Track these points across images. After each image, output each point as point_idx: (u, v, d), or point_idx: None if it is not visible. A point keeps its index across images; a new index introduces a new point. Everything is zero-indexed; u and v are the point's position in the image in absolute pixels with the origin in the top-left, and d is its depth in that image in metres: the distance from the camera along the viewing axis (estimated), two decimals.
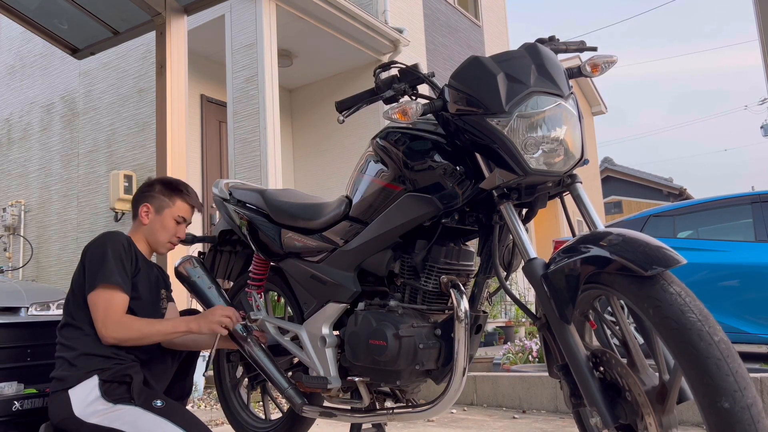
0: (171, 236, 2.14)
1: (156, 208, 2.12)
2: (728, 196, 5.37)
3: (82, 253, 2.00)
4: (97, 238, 2.02)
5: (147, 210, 2.12)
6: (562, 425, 3.08)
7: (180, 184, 2.19)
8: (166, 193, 2.14)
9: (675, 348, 1.08)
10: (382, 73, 1.71)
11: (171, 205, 2.13)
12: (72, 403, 1.83)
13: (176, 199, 2.14)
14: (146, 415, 1.81)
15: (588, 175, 15.15)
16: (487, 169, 1.49)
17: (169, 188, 2.16)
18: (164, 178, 2.23)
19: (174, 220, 2.13)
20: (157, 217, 2.12)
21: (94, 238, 2.02)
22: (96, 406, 1.82)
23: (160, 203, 2.13)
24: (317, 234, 1.95)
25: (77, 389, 1.85)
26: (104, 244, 1.96)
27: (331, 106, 7.97)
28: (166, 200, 2.13)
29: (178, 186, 2.18)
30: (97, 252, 1.95)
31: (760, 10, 3.02)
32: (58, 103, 8.80)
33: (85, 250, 2.00)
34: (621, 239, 1.22)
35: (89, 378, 1.86)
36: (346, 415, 1.85)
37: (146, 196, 2.14)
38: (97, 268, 1.92)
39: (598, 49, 1.67)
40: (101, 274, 1.90)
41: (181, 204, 2.15)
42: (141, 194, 2.17)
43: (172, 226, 2.13)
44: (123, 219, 7.58)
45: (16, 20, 4.10)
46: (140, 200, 2.15)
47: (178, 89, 3.95)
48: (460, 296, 1.56)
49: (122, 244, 1.99)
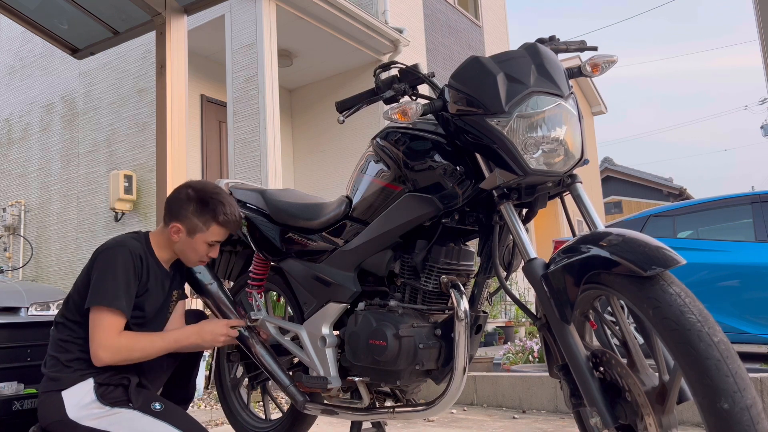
0: (201, 257, 2.00)
1: (188, 231, 1.93)
2: (728, 196, 5.37)
3: (93, 256, 1.90)
4: (111, 245, 1.89)
5: (178, 230, 1.94)
6: (562, 425, 3.08)
7: (218, 206, 1.93)
8: (200, 216, 1.92)
9: (674, 348, 1.08)
10: (382, 74, 1.71)
11: (204, 230, 1.93)
12: (65, 405, 1.77)
13: (211, 224, 1.93)
14: (144, 419, 1.78)
15: (588, 175, 15.15)
16: (487, 169, 1.49)
17: (205, 211, 1.92)
18: (201, 194, 1.94)
19: (206, 244, 1.96)
20: (188, 239, 1.94)
21: (109, 244, 1.90)
22: (91, 409, 1.77)
23: (192, 226, 1.93)
24: (317, 234, 1.96)
25: (71, 391, 1.79)
26: (115, 258, 1.84)
27: (331, 106, 7.97)
28: (200, 224, 1.93)
29: (215, 210, 1.92)
30: (106, 265, 1.84)
31: (760, 10, 3.02)
32: (58, 103, 8.81)
33: (96, 255, 1.89)
34: (621, 239, 1.22)
35: (84, 380, 1.80)
36: (348, 413, 1.85)
37: (179, 215, 1.93)
38: (102, 284, 1.81)
39: (598, 49, 1.67)
40: (105, 293, 1.79)
41: (215, 229, 1.94)
42: (175, 207, 1.95)
43: (203, 249, 1.97)
44: (123, 219, 7.59)
45: (16, 20, 4.10)
46: (172, 215, 1.95)
47: (178, 89, 3.95)
48: (460, 296, 1.56)
49: (134, 261, 1.86)
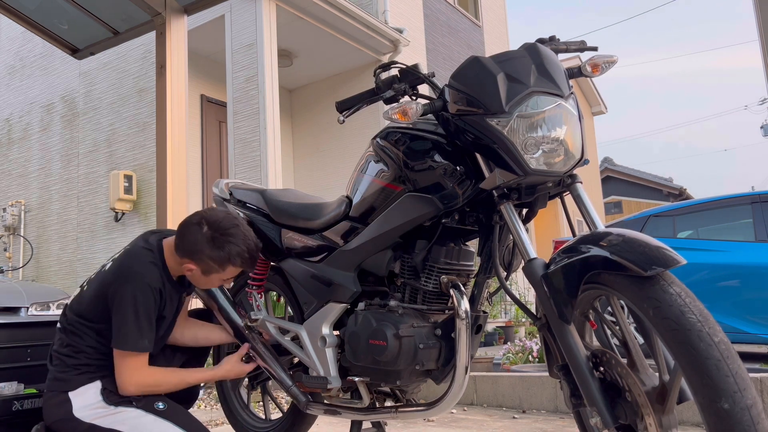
0: (214, 287, 2.01)
1: (203, 271, 1.86)
2: (728, 196, 5.37)
3: (106, 284, 1.83)
4: (127, 277, 1.81)
5: (191, 269, 1.86)
6: (562, 425, 3.08)
7: (233, 247, 1.81)
8: (216, 259, 1.82)
9: (675, 348, 1.08)
10: (382, 74, 1.71)
11: (220, 271, 1.86)
12: (72, 405, 1.81)
13: (227, 266, 1.84)
14: (147, 417, 1.80)
15: (588, 175, 15.15)
16: (487, 169, 1.49)
17: (222, 254, 1.81)
18: (216, 229, 1.81)
19: (220, 281, 1.92)
20: (202, 277, 1.88)
21: (125, 274, 1.82)
22: (96, 409, 1.81)
23: (207, 268, 1.85)
24: (317, 234, 1.96)
25: (79, 392, 1.83)
26: (135, 297, 1.78)
27: (331, 106, 7.98)
28: (215, 266, 1.84)
29: (232, 252, 1.82)
30: (128, 304, 1.78)
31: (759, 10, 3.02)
32: (58, 103, 8.81)
33: (116, 282, 1.81)
34: (621, 239, 1.22)
35: (92, 382, 1.84)
36: (350, 412, 1.85)
37: (193, 255, 1.83)
38: (124, 327, 1.78)
39: (598, 49, 1.67)
40: (128, 336, 1.78)
41: (231, 270, 1.87)
42: (188, 245, 1.83)
43: (217, 284, 1.95)
44: (123, 219, 7.58)
45: (16, 20, 4.10)
46: (186, 252, 1.84)
47: (178, 89, 3.95)
48: (460, 296, 1.56)
49: (154, 296, 1.81)
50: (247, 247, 1.84)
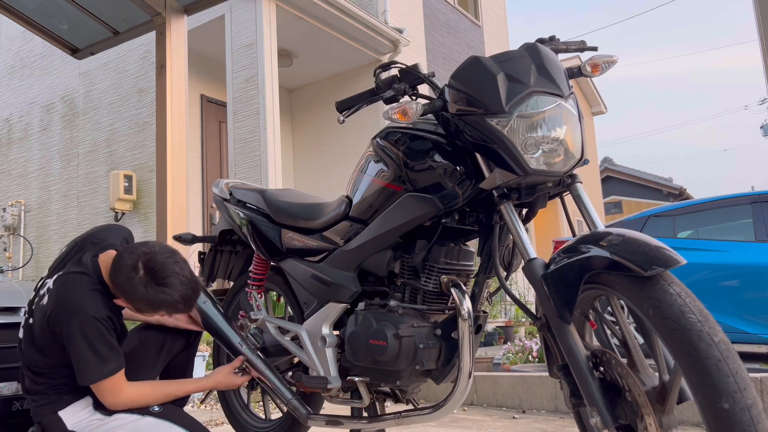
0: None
1: (135, 309, 1.79)
2: (728, 196, 5.37)
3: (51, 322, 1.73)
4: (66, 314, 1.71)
5: (124, 304, 1.81)
6: (562, 425, 3.08)
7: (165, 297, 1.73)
8: (148, 305, 1.75)
9: (675, 348, 1.08)
10: (382, 73, 1.71)
11: (153, 314, 1.83)
12: (65, 422, 1.78)
13: (160, 310, 1.78)
14: (145, 419, 1.79)
15: (588, 175, 15.15)
16: (487, 169, 1.49)
17: (153, 303, 1.74)
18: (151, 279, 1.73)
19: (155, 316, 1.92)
20: (135, 313, 1.86)
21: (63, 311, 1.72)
22: (91, 421, 1.79)
23: (140, 309, 1.78)
24: (317, 234, 1.96)
25: (68, 410, 1.80)
26: (81, 328, 1.70)
27: (331, 106, 7.98)
28: (147, 310, 1.78)
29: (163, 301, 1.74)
30: (75, 338, 1.70)
31: (760, 10, 3.02)
32: (58, 103, 8.81)
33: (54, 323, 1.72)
34: (621, 239, 1.22)
35: (81, 399, 1.81)
36: (353, 422, 1.85)
37: (126, 296, 1.75)
38: (81, 360, 1.71)
39: (598, 49, 1.67)
40: (90, 369, 1.71)
41: (164, 313, 1.83)
42: (121, 285, 1.74)
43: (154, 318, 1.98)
44: (123, 219, 7.58)
45: (16, 20, 4.10)
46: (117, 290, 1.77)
47: (178, 89, 3.95)
48: (462, 296, 1.56)
49: (100, 323, 1.72)
50: (182, 296, 1.75)
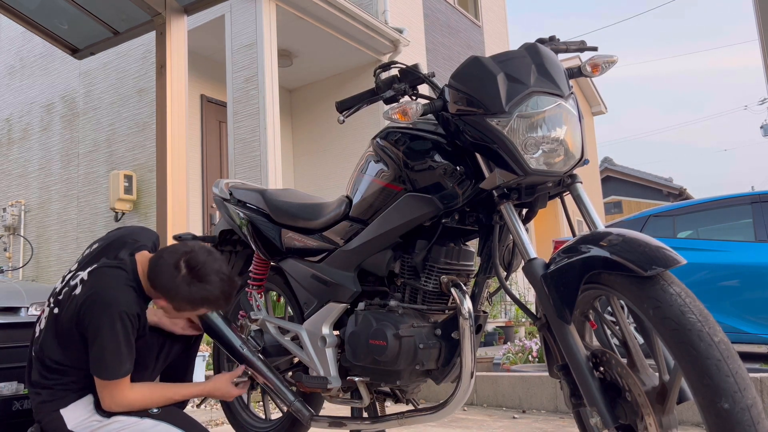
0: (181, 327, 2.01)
1: (175, 308, 1.83)
2: (728, 196, 5.37)
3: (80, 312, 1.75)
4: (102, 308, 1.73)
5: (163, 305, 1.84)
6: (562, 425, 3.08)
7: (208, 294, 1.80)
8: (191, 302, 1.81)
9: (675, 348, 1.08)
10: (382, 74, 1.71)
11: (192, 311, 1.87)
12: (65, 421, 1.78)
13: (201, 308, 1.85)
14: (143, 422, 1.78)
15: (588, 175, 15.15)
16: (487, 169, 1.49)
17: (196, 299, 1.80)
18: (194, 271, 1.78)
19: (192, 315, 1.96)
20: (173, 312, 1.86)
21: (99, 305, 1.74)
22: (91, 421, 1.78)
23: (181, 307, 1.83)
24: (317, 234, 1.96)
25: (69, 408, 1.80)
26: (110, 323, 1.72)
27: (331, 106, 7.98)
28: (188, 307, 1.83)
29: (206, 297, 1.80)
30: (102, 331, 1.72)
31: (760, 10, 3.02)
32: (58, 103, 8.81)
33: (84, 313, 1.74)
34: (621, 239, 1.22)
35: (83, 397, 1.81)
36: (356, 423, 1.85)
37: (167, 295, 1.80)
38: (102, 354, 1.73)
39: (598, 49, 1.67)
40: (107, 366, 1.73)
41: (204, 310, 1.89)
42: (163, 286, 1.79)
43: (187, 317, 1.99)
44: (123, 219, 7.58)
45: (16, 20, 4.10)
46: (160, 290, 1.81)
47: (178, 89, 3.95)
48: (462, 296, 1.56)
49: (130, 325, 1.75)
50: (222, 292, 1.82)
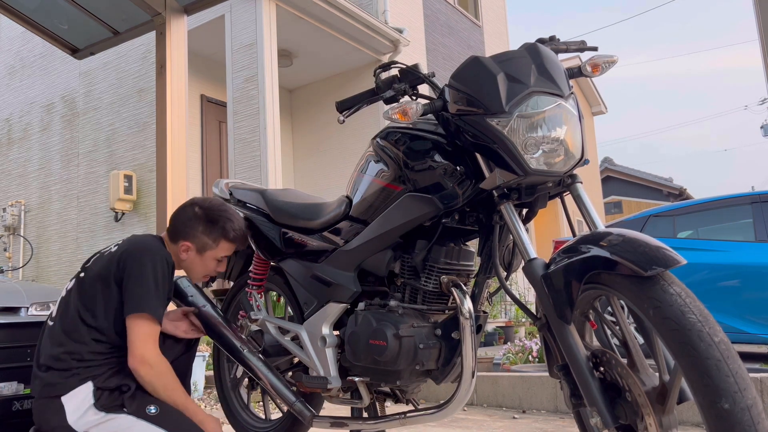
0: (209, 272, 2.04)
1: (198, 249, 1.97)
2: (728, 196, 5.37)
3: (121, 258, 1.84)
4: (143, 250, 1.85)
5: (187, 248, 1.97)
6: (562, 425, 3.08)
7: (227, 222, 1.98)
8: (210, 234, 1.97)
9: (675, 348, 1.08)
10: (382, 74, 1.71)
11: (214, 247, 1.98)
12: (66, 411, 1.76)
13: (221, 240, 1.98)
14: (139, 424, 1.77)
15: (588, 175, 15.15)
16: (487, 169, 1.49)
17: (215, 229, 1.97)
18: (209, 212, 1.98)
19: (215, 260, 2.01)
20: (197, 257, 1.98)
21: (140, 247, 1.86)
22: (89, 417, 1.77)
23: (203, 244, 1.97)
24: (317, 234, 1.96)
25: (70, 396, 1.78)
26: (153, 263, 1.82)
27: (331, 106, 7.97)
28: (209, 242, 1.97)
29: (225, 226, 1.97)
30: (145, 271, 1.81)
31: (760, 10, 3.02)
32: (58, 103, 8.81)
33: (127, 258, 1.83)
34: (621, 239, 1.22)
35: (83, 384, 1.79)
36: (357, 423, 1.85)
37: (187, 234, 1.96)
38: (144, 292, 1.79)
39: (598, 49, 1.67)
40: (149, 301, 1.79)
41: (225, 245, 1.99)
42: (182, 226, 1.97)
43: (212, 266, 2.02)
44: (123, 219, 7.59)
45: (16, 20, 4.10)
46: (181, 234, 1.97)
47: (178, 89, 3.95)
48: (463, 296, 1.56)
49: (168, 269, 1.86)
50: (238, 223, 2.02)
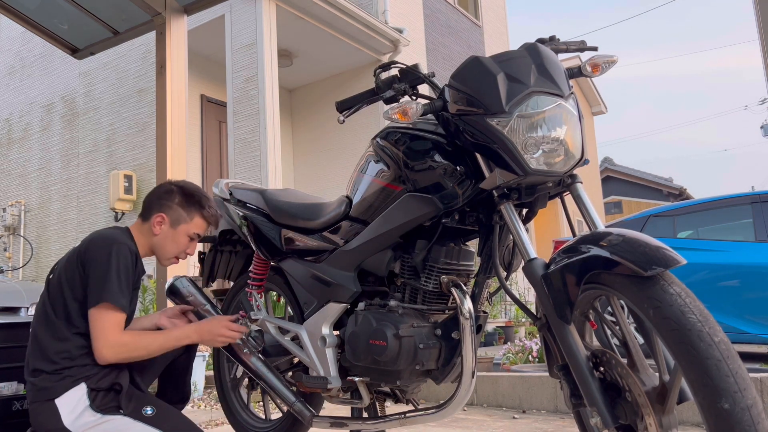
0: (180, 252, 2.02)
1: (172, 221, 1.98)
2: (728, 196, 5.37)
3: (82, 252, 1.84)
4: (103, 242, 1.84)
5: (161, 220, 1.97)
6: (562, 425, 3.08)
7: (202, 198, 2.03)
8: (185, 206, 2.00)
9: (675, 348, 1.08)
10: (382, 73, 1.71)
11: (188, 221, 2.00)
12: (60, 413, 1.74)
13: (195, 215, 2.01)
14: (135, 425, 1.76)
15: (588, 175, 15.15)
16: (487, 169, 1.49)
17: (190, 202, 2.00)
18: (185, 187, 2.04)
19: (188, 236, 2.01)
20: (170, 231, 1.98)
21: (99, 240, 1.86)
22: (85, 418, 1.75)
23: (177, 216, 1.98)
24: (317, 234, 1.96)
25: (64, 398, 1.76)
26: (112, 256, 1.81)
27: (331, 106, 7.97)
28: (184, 215, 1.99)
29: (201, 201, 2.02)
30: (104, 263, 1.80)
31: (760, 10, 3.02)
32: (58, 103, 8.81)
33: (86, 251, 1.83)
34: (621, 239, 1.22)
35: (77, 386, 1.77)
36: (357, 423, 1.85)
37: (163, 205, 1.99)
38: (103, 284, 1.78)
39: (598, 49, 1.67)
40: (110, 291, 1.77)
41: (199, 221, 2.02)
42: (158, 200, 2.00)
43: (184, 242, 2.01)
44: (123, 219, 7.58)
45: (16, 20, 4.11)
46: (156, 207, 1.99)
47: (178, 89, 3.96)
48: (463, 296, 1.56)
49: (131, 258, 1.85)
50: (213, 204, 2.08)
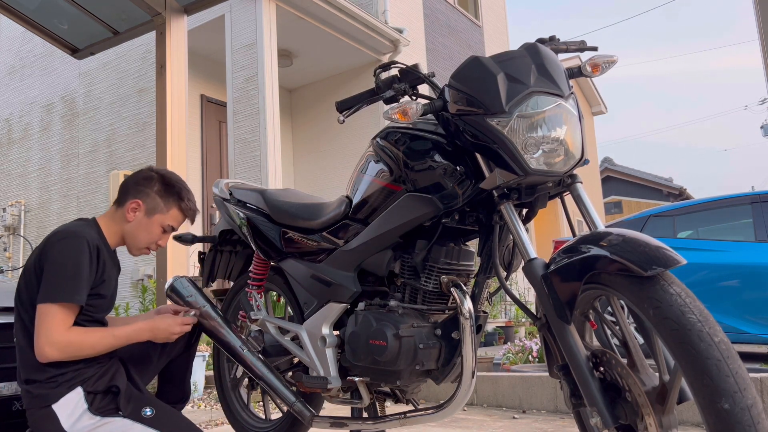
0: (151, 243, 1.94)
1: (147, 209, 1.90)
2: (728, 196, 5.37)
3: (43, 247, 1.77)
4: (56, 238, 1.77)
5: (137, 207, 1.90)
6: (562, 425, 3.08)
7: (182, 189, 1.96)
8: (164, 196, 1.92)
9: (675, 348, 1.08)
10: (382, 73, 1.71)
11: (164, 212, 1.92)
12: (59, 418, 1.72)
13: (173, 206, 1.94)
14: (135, 427, 1.75)
15: (588, 175, 15.15)
16: (487, 169, 1.49)
17: (169, 192, 1.93)
18: (166, 176, 1.97)
19: (161, 227, 1.93)
20: (144, 219, 1.90)
21: (53, 237, 1.78)
22: (84, 421, 1.74)
23: (153, 205, 1.91)
24: (317, 234, 1.96)
25: (61, 403, 1.73)
26: (70, 254, 1.73)
27: (331, 106, 7.98)
28: (161, 204, 1.92)
29: (180, 192, 1.95)
30: (59, 256, 1.73)
31: (760, 10, 3.02)
32: (58, 103, 8.81)
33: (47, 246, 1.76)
34: (621, 239, 1.22)
35: (73, 390, 1.74)
36: (357, 423, 1.85)
37: (141, 192, 1.90)
38: (55, 279, 1.71)
39: (598, 49, 1.67)
40: (58, 289, 1.70)
41: (175, 213, 1.95)
42: (135, 186, 1.92)
43: (157, 233, 1.93)
44: None
45: (16, 20, 4.11)
46: (132, 192, 1.91)
47: (178, 89, 3.96)
48: (463, 296, 1.56)
49: (90, 252, 1.76)
50: (193, 198, 2.01)
